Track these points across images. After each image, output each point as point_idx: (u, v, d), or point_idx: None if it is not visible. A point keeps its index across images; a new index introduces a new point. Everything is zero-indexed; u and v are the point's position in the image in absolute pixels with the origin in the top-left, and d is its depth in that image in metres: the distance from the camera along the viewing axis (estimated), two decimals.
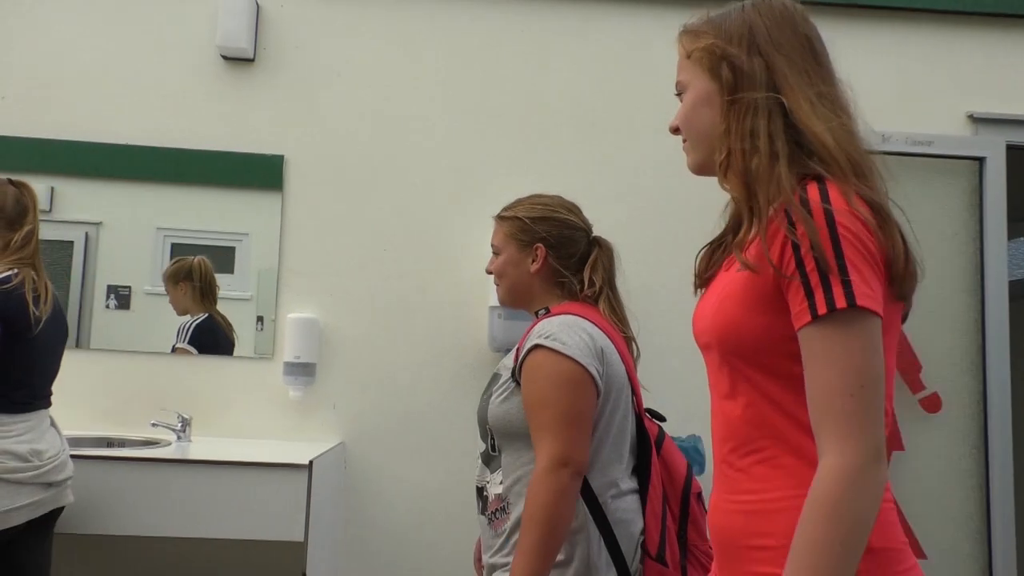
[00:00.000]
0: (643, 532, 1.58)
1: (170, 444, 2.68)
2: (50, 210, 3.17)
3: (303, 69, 3.12)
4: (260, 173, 3.11)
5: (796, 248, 0.93)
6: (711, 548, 1.18)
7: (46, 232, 3.19)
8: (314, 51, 3.13)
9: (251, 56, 3.07)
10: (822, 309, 0.91)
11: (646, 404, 1.76)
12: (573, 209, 1.79)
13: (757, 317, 0.99)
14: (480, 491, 1.69)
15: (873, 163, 1.03)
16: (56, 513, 2.21)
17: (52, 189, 3.16)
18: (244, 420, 2.97)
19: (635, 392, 1.68)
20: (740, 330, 1.00)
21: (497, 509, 1.62)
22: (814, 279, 0.92)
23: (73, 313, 3.12)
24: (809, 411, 0.93)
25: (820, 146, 0.99)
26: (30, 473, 2.07)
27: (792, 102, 1.02)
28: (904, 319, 1.05)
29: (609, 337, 1.65)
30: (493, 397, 1.64)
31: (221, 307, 3.13)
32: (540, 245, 1.71)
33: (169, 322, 3.13)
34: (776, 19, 1.07)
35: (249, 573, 2.86)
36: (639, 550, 1.57)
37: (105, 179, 3.16)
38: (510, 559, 1.53)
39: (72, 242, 3.20)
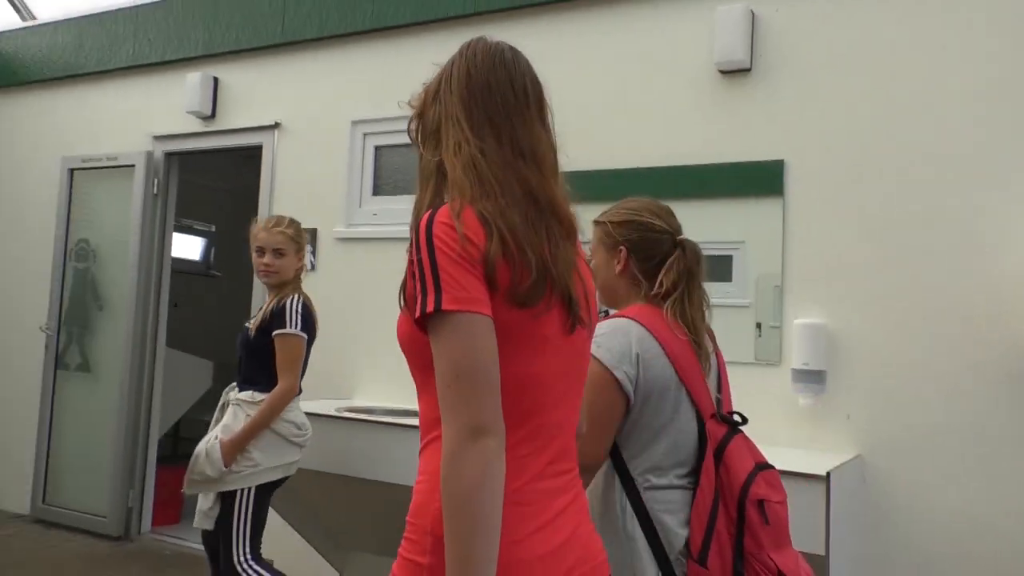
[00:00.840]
0: (686, 528, 1.60)
1: None
2: None
3: (800, 71, 3.05)
4: (758, 180, 3.11)
5: (412, 263, 1.12)
6: (772, 559, 1.30)
7: None
8: (811, 51, 3.04)
9: (748, 66, 3.11)
10: (416, 314, 1.09)
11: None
12: (660, 213, 1.79)
13: (407, 324, 1.17)
14: None
15: (514, 184, 1.16)
16: None
17: None
18: (751, 425, 2.95)
19: (692, 394, 1.67)
20: (402, 336, 1.20)
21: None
22: (419, 288, 1.10)
23: None
24: None
25: (451, 176, 1.17)
26: (303, 438, 2.95)
27: (444, 139, 1.20)
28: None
29: (662, 341, 1.66)
30: None
31: (717, 316, 3.18)
32: (623, 248, 1.76)
33: None
34: (466, 67, 1.24)
35: None
36: (685, 547, 1.58)
37: (605, 204, 3.46)
38: None
39: None
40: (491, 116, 1.21)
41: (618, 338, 1.66)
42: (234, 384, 2.99)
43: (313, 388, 4.04)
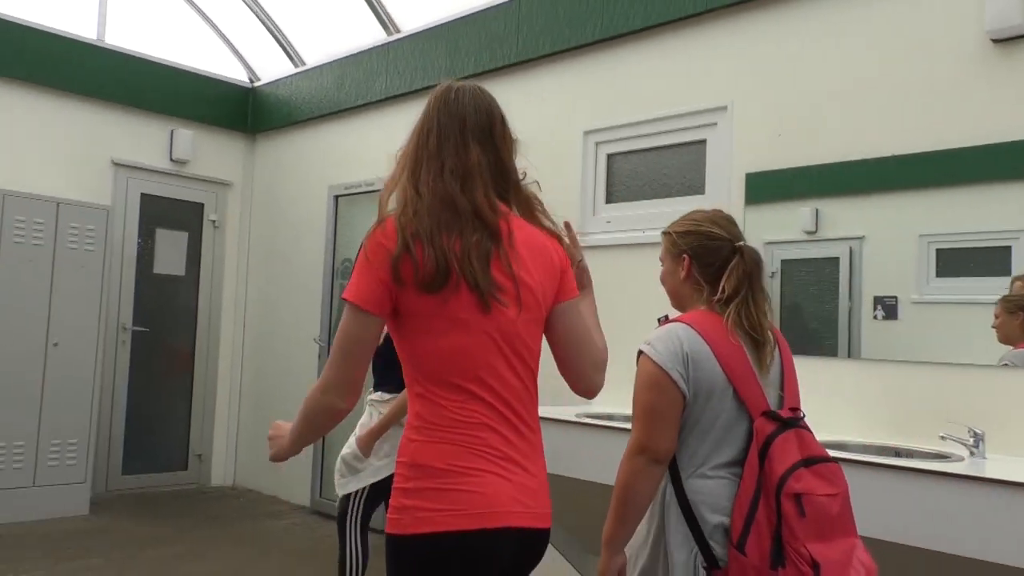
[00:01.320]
0: (729, 516, 1.72)
1: (962, 460, 2.50)
2: (815, 230, 3.38)
3: None
4: None
5: None
6: (807, 549, 1.59)
7: (813, 251, 3.48)
8: None
9: None
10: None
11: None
12: (720, 222, 1.94)
13: None
14: None
15: (435, 197, 1.51)
16: None
17: (816, 211, 3.37)
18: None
19: (740, 394, 1.77)
20: None
21: None
22: None
23: (843, 324, 3.25)
24: None
25: (391, 197, 1.57)
26: None
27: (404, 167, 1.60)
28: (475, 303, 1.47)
29: (711, 344, 1.79)
30: None
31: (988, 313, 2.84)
32: (686, 255, 1.92)
33: (939, 332, 2.98)
34: (430, 108, 1.62)
35: None
36: (723, 534, 1.72)
37: (865, 194, 3.22)
38: (635, 536, 1.86)
39: (837, 258, 3.35)
40: (429, 148, 1.57)
41: (669, 341, 1.82)
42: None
43: (552, 394, 4.14)
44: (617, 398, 3.91)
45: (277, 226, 6.23)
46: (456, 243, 1.47)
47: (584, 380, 1.69)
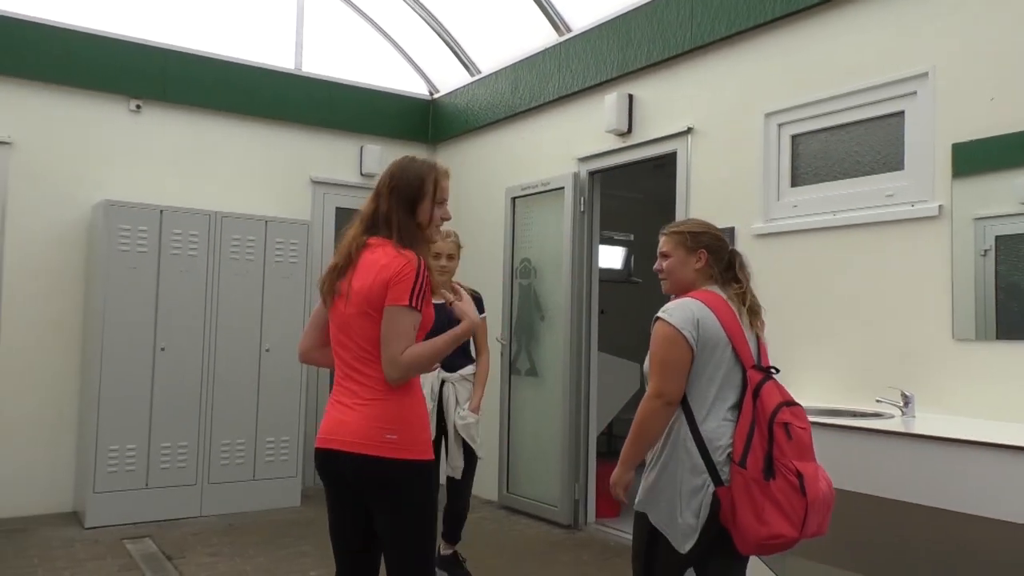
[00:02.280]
0: (731, 445, 2.27)
1: None
2: None
3: None
4: None
5: None
6: (794, 464, 2.20)
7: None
8: None
9: None
10: None
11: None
12: (717, 229, 2.57)
13: None
14: None
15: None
16: None
17: None
18: None
19: (737, 349, 2.35)
20: None
21: None
22: None
23: None
24: None
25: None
26: None
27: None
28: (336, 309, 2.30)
29: (714, 310, 2.37)
30: (646, 359, 2.42)
31: None
32: (704, 250, 2.48)
33: None
34: (390, 177, 2.31)
35: None
36: (727, 458, 2.26)
37: None
38: (649, 465, 2.41)
39: None
40: (404, 201, 2.27)
41: (684, 310, 2.36)
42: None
43: None
44: (809, 391, 3.69)
45: (458, 229, 6.41)
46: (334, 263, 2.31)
47: (384, 366, 2.16)
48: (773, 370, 2.39)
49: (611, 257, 6.75)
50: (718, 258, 2.49)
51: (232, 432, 5.39)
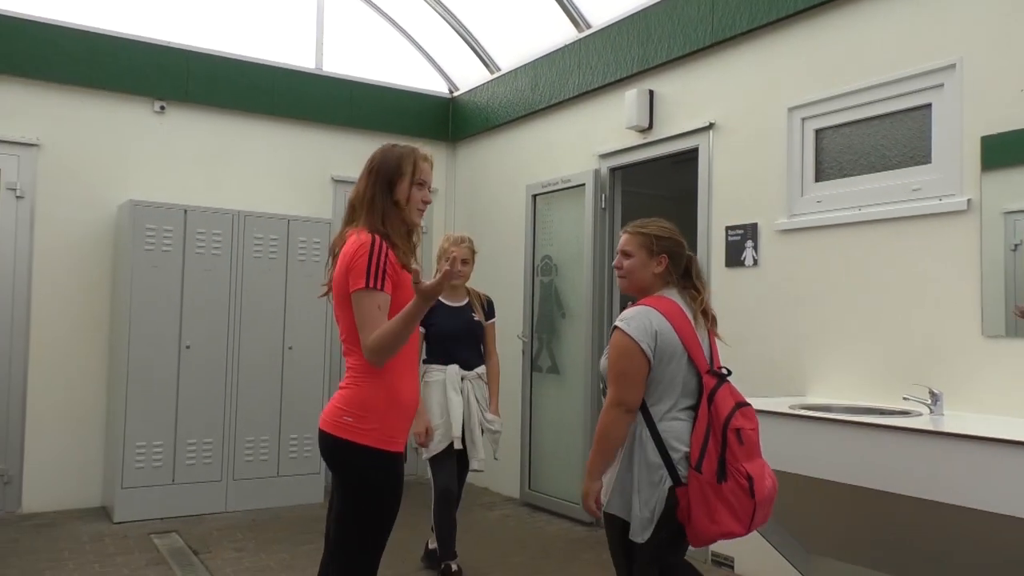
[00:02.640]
0: (688, 445, 2.43)
1: None
2: None
3: None
4: None
5: None
6: (744, 467, 2.35)
7: None
8: None
9: None
10: None
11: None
12: (680, 235, 2.64)
13: None
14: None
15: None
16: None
17: None
18: None
19: (692, 357, 2.48)
20: None
21: None
22: None
23: None
24: None
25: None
26: None
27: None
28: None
29: (672, 321, 2.48)
30: (603, 358, 2.57)
31: None
32: (665, 255, 2.58)
33: None
34: (374, 164, 2.39)
35: None
36: (684, 457, 2.42)
37: None
38: (613, 466, 2.52)
39: None
40: (382, 180, 2.35)
41: (642, 320, 2.46)
42: (437, 367, 3.97)
43: (763, 385, 3.95)
44: (833, 387, 3.65)
45: (479, 227, 6.46)
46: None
47: (364, 352, 2.20)
48: (725, 371, 2.54)
49: None
50: (677, 264, 2.59)
51: (256, 429, 5.44)
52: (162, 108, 5.68)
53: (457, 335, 4.03)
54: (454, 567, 3.94)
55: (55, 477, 5.26)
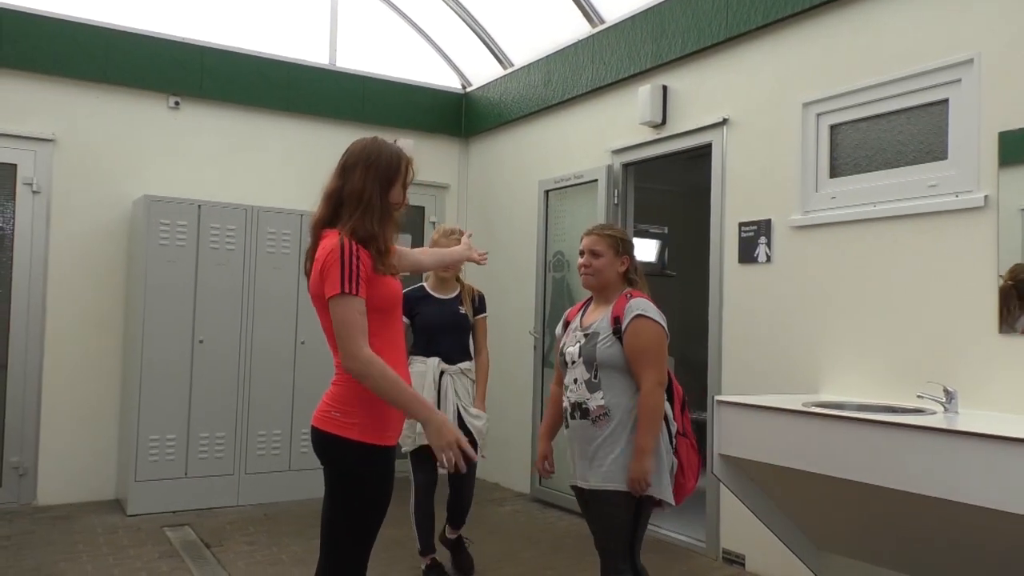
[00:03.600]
0: (674, 419, 2.83)
1: None
2: None
3: None
4: None
5: None
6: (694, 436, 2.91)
7: None
8: None
9: None
10: None
11: None
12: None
13: None
14: (579, 405, 2.79)
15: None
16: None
17: None
18: None
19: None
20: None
21: (602, 414, 2.74)
22: None
23: None
24: None
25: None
26: None
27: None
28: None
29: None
30: (599, 345, 2.75)
31: None
32: (627, 257, 2.90)
33: None
34: (367, 157, 2.30)
35: None
36: (676, 430, 2.84)
37: None
38: (616, 446, 2.72)
39: None
40: (382, 178, 2.27)
41: (656, 310, 2.78)
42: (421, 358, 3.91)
43: (776, 383, 3.93)
44: (847, 384, 3.63)
45: (491, 223, 6.46)
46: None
47: (342, 359, 2.18)
48: None
49: (645, 250, 6.68)
50: (633, 265, 2.92)
51: (268, 423, 5.46)
52: (177, 104, 5.71)
53: (442, 327, 3.96)
54: (437, 560, 4.01)
55: (70, 470, 5.30)
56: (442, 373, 3.92)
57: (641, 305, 2.75)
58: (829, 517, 3.22)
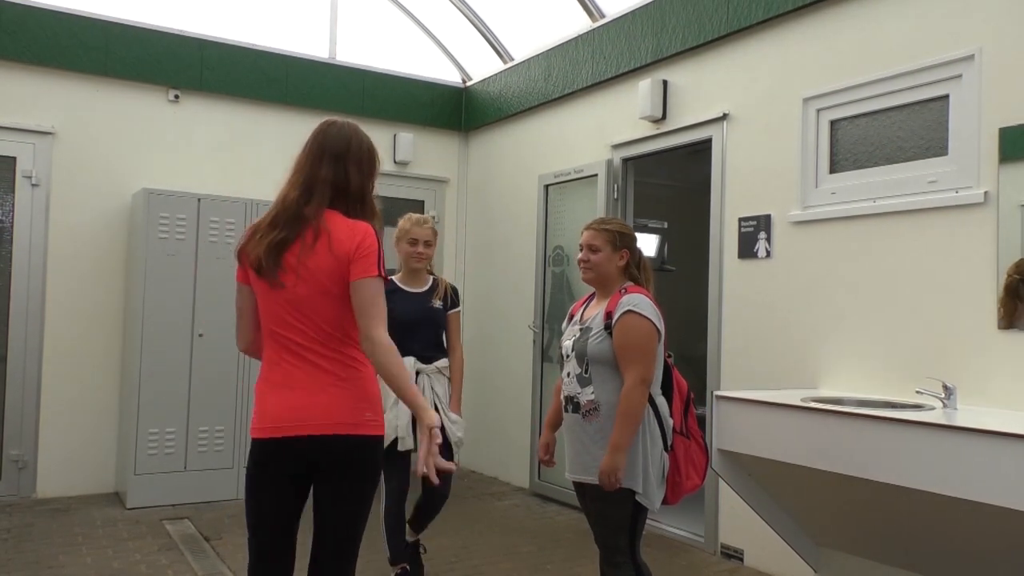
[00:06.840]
0: (671, 416, 2.80)
1: None
2: None
3: None
4: None
5: None
6: (697, 429, 2.88)
7: None
8: None
9: None
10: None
11: None
12: (634, 232, 3.02)
13: None
14: (572, 399, 2.82)
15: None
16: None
17: None
18: None
19: (663, 341, 2.80)
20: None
21: (591, 409, 2.76)
22: None
23: None
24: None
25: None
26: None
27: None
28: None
29: (657, 307, 2.78)
30: (591, 340, 2.76)
31: None
32: (626, 251, 2.89)
33: None
34: (311, 136, 2.33)
35: None
36: (671, 428, 2.79)
37: None
38: (605, 441, 2.70)
39: None
40: (298, 163, 2.29)
41: (650, 306, 2.75)
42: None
43: (775, 378, 3.94)
44: (846, 380, 3.63)
45: (491, 217, 6.46)
46: (268, 238, 2.14)
47: (362, 339, 2.09)
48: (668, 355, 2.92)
49: (645, 245, 6.66)
50: (634, 258, 2.91)
51: None
52: (176, 97, 5.70)
53: (414, 322, 3.66)
54: (407, 569, 3.74)
55: (69, 463, 5.31)
56: (418, 373, 3.68)
57: (633, 300, 2.72)
58: (827, 512, 3.22)
